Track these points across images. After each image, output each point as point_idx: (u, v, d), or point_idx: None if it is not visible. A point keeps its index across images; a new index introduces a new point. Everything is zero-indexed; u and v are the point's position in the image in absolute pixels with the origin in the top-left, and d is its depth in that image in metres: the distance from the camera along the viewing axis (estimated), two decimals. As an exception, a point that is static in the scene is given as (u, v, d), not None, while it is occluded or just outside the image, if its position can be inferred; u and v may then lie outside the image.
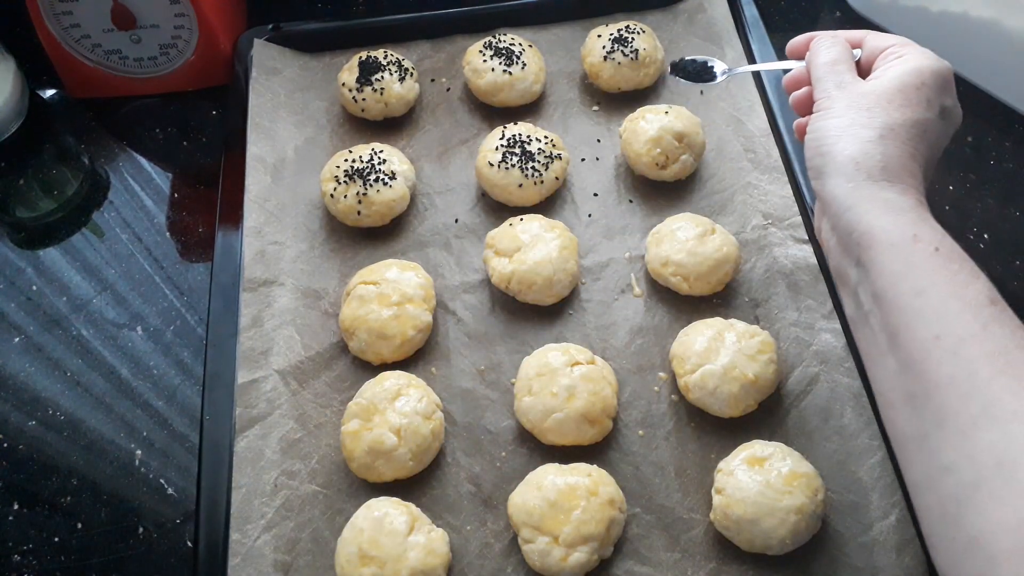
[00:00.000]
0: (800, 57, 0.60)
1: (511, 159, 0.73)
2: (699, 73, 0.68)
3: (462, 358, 0.67)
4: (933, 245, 0.44)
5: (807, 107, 0.58)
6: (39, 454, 0.65)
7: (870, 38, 0.56)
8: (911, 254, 0.44)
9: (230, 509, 0.59)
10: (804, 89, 0.60)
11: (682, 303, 0.69)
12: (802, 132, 0.59)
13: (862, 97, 0.51)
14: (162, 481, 0.64)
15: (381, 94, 0.79)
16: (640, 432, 0.63)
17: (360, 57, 0.81)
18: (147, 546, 0.61)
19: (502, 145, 0.74)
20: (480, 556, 0.58)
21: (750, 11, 0.85)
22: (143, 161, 0.83)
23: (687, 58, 0.68)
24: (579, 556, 0.55)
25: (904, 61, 0.52)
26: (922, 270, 0.43)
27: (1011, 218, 0.77)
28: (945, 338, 0.41)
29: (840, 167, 0.49)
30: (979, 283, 0.43)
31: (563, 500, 0.56)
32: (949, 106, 0.52)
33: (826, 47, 0.56)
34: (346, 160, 0.74)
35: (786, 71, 0.62)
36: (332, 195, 0.73)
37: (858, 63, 0.56)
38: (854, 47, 0.57)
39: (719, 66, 0.68)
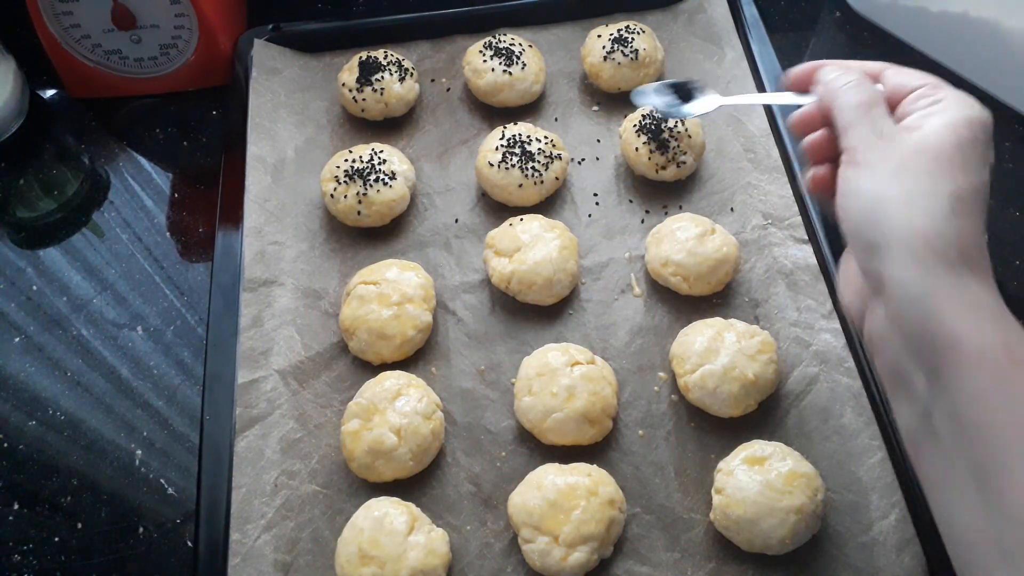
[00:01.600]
0: (802, 90, 0.51)
1: (511, 159, 0.73)
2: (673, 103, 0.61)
3: (462, 358, 0.67)
4: None
5: (827, 154, 0.50)
6: (39, 454, 0.65)
7: (891, 73, 0.48)
8: (1010, 374, 0.36)
9: (230, 509, 0.59)
10: (821, 132, 0.50)
11: (682, 303, 0.69)
12: (823, 186, 0.50)
13: (918, 156, 0.41)
14: (162, 481, 0.64)
15: (381, 94, 0.79)
16: (640, 432, 0.63)
17: (360, 57, 0.81)
18: (147, 546, 0.61)
19: (502, 145, 0.74)
20: (480, 556, 0.58)
21: (750, 11, 0.85)
22: (143, 161, 0.83)
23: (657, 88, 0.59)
24: (579, 556, 0.55)
25: (948, 110, 0.44)
26: (1020, 392, 0.36)
27: (1011, 218, 0.77)
28: None
29: (908, 246, 0.39)
30: None
31: (563, 500, 0.56)
32: (992, 161, 0.44)
33: (854, 86, 0.47)
34: (346, 160, 0.74)
35: (797, 106, 0.52)
36: (332, 195, 0.73)
37: None
38: (873, 77, 0.49)
39: (701, 99, 0.60)
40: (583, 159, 0.79)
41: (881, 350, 0.43)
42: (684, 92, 0.59)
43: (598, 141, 0.80)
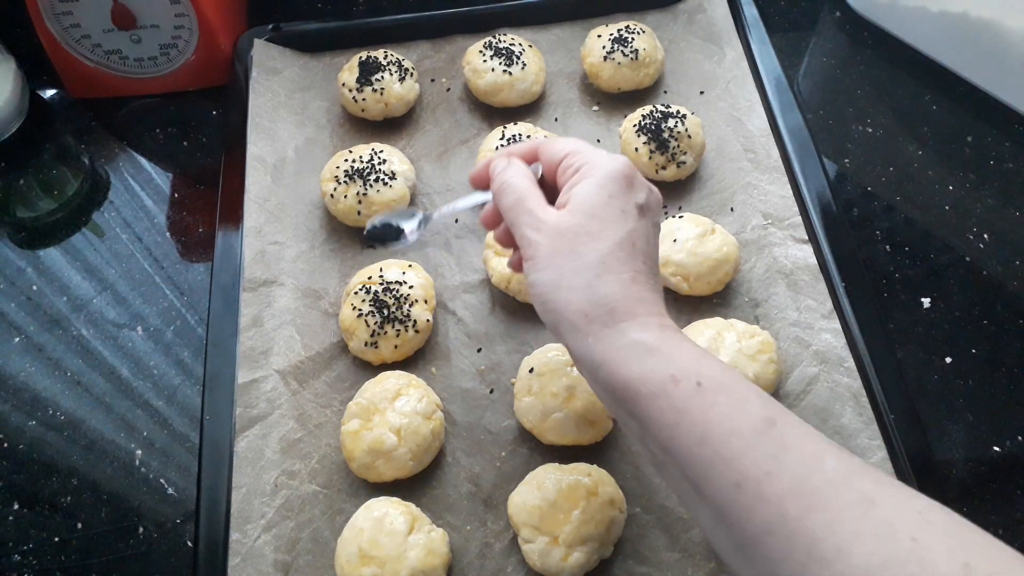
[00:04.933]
0: (486, 187, 0.54)
1: (511, 159, 0.73)
2: (390, 236, 0.60)
3: (462, 358, 0.67)
4: (694, 380, 0.41)
5: (511, 243, 0.55)
6: (39, 454, 0.65)
7: (544, 149, 0.52)
8: (676, 399, 0.41)
9: (230, 509, 0.59)
10: (503, 226, 0.55)
11: (682, 303, 0.69)
12: (518, 266, 0.54)
13: (561, 237, 0.46)
14: (162, 481, 0.64)
15: (381, 94, 0.79)
16: (640, 432, 0.63)
17: (360, 57, 0.81)
18: (147, 546, 0.61)
19: (502, 145, 0.74)
20: (480, 556, 0.58)
21: (750, 11, 0.85)
22: (143, 161, 0.83)
23: (378, 223, 0.59)
24: (579, 556, 0.55)
25: (583, 176, 0.48)
26: (693, 415, 0.40)
27: (1011, 218, 0.77)
28: (744, 484, 0.38)
29: (572, 324, 0.44)
30: (751, 406, 0.40)
31: (563, 500, 0.56)
32: (643, 201, 0.48)
33: (509, 186, 0.50)
34: (346, 160, 0.74)
35: (483, 204, 0.55)
36: (332, 195, 0.73)
37: (541, 180, 0.52)
38: (530, 161, 0.53)
39: (408, 225, 0.59)
40: (583, 159, 0.79)
41: (602, 400, 0.48)
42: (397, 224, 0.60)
43: (598, 141, 0.80)
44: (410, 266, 0.69)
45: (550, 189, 0.51)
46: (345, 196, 0.72)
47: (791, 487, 0.37)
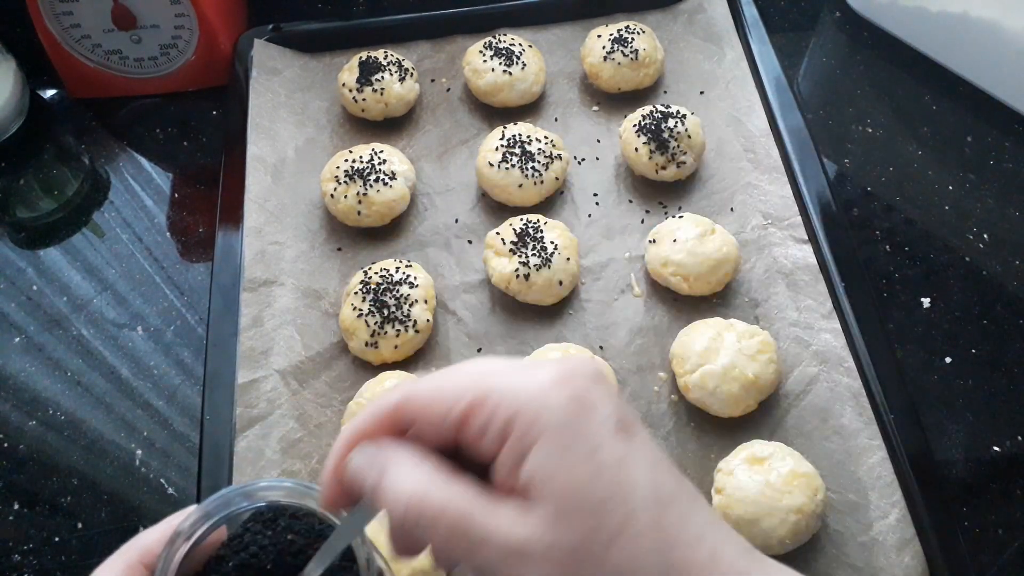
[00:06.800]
0: (348, 502, 0.33)
1: (511, 159, 0.73)
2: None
3: (462, 358, 0.67)
4: None
5: (416, 551, 0.33)
6: (39, 454, 0.65)
7: (420, 404, 0.32)
8: None
9: (230, 509, 0.59)
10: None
11: (682, 303, 0.69)
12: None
13: (577, 566, 0.28)
14: (162, 481, 0.64)
15: (381, 94, 0.79)
16: (640, 432, 0.63)
17: (360, 57, 0.81)
18: (147, 546, 0.61)
19: (502, 145, 0.74)
20: (480, 556, 0.58)
21: (750, 11, 0.85)
22: (143, 161, 0.83)
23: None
24: (579, 556, 0.55)
25: (526, 439, 0.29)
26: None
27: (1011, 218, 0.77)
28: None
29: None
30: None
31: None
32: (617, 418, 0.31)
33: (429, 508, 0.30)
34: (346, 160, 0.74)
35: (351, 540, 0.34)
36: (332, 195, 0.73)
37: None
38: (400, 430, 0.32)
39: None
40: (583, 159, 0.79)
41: None
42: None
43: (598, 141, 0.80)
44: (410, 266, 0.69)
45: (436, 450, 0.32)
46: (345, 196, 0.72)
47: None
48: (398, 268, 0.68)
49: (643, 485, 0.29)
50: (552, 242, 0.69)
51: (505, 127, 0.76)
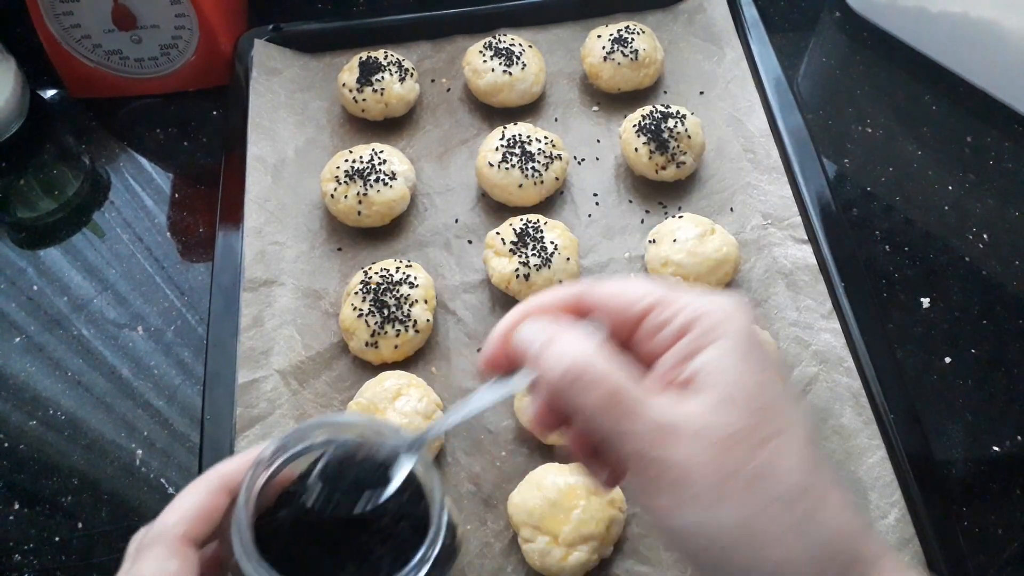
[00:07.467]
0: (510, 369, 0.35)
1: (511, 159, 0.73)
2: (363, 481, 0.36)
3: (462, 358, 0.67)
4: None
5: (587, 446, 0.35)
6: (40, 454, 0.65)
7: (605, 297, 0.34)
8: None
9: (230, 509, 0.59)
10: (542, 409, 0.35)
11: (682, 303, 0.69)
12: (611, 483, 0.36)
13: (726, 451, 0.29)
14: (163, 481, 0.64)
15: (381, 94, 0.79)
16: (640, 432, 0.63)
17: (360, 57, 0.81)
18: (147, 546, 0.61)
19: (502, 145, 0.74)
20: (480, 555, 0.58)
21: (750, 11, 0.85)
22: (143, 161, 0.83)
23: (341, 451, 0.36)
24: (579, 555, 0.55)
25: (704, 339, 0.31)
26: None
27: (1011, 218, 0.77)
28: None
29: None
30: None
31: (563, 499, 0.56)
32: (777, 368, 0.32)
33: (588, 374, 0.31)
34: (346, 160, 0.74)
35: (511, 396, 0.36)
36: (332, 195, 0.73)
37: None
38: (574, 314, 0.35)
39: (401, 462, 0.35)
40: (583, 159, 0.79)
41: None
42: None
43: (598, 141, 0.80)
44: (410, 266, 0.69)
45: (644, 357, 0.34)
46: (345, 196, 0.72)
47: None
48: (398, 268, 0.68)
49: (798, 422, 0.31)
50: (552, 242, 0.69)
51: (505, 127, 0.76)
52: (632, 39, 0.81)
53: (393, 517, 0.34)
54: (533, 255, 0.67)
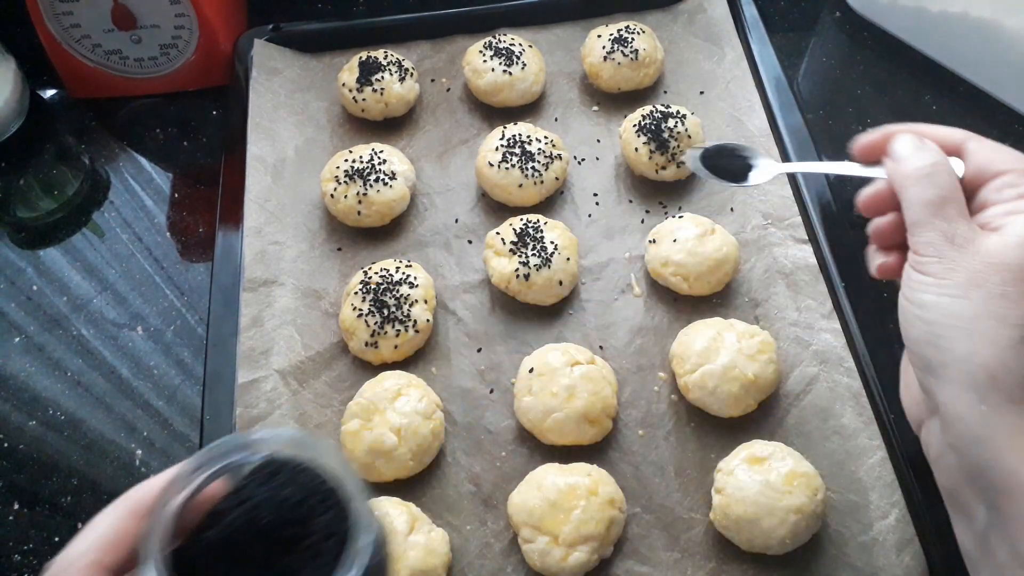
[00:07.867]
0: (871, 160, 0.46)
1: (511, 159, 0.73)
2: (729, 171, 0.52)
3: (462, 358, 0.67)
4: None
5: (896, 240, 0.45)
6: (39, 454, 0.65)
7: (975, 148, 0.43)
8: None
9: (230, 509, 0.59)
10: (890, 218, 0.46)
11: (682, 303, 0.69)
12: (892, 273, 0.46)
13: (992, 270, 0.37)
14: (162, 481, 0.64)
15: (381, 94, 0.79)
16: (640, 432, 0.63)
17: (360, 57, 0.81)
18: (147, 546, 0.61)
19: (502, 145, 0.74)
20: (480, 556, 0.58)
21: (750, 11, 0.85)
22: (143, 161, 0.83)
23: (715, 145, 0.51)
24: (579, 556, 0.55)
25: None
26: None
27: (1011, 218, 0.77)
28: None
29: (970, 378, 0.36)
30: None
31: (563, 500, 0.56)
32: None
33: (927, 175, 0.41)
34: (346, 160, 0.74)
35: (865, 180, 0.47)
36: (332, 195, 0.73)
37: (961, 181, 0.42)
38: (950, 153, 0.44)
39: (761, 167, 0.51)
40: (583, 159, 0.79)
41: (938, 467, 0.41)
42: (735, 157, 0.51)
43: (598, 141, 0.80)
44: (410, 266, 0.69)
45: (969, 205, 0.42)
46: (345, 196, 0.72)
47: None
48: (398, 268, 0.68)
49: None
50: (552, 242, 0.69)
51: (505, 127, 0.76)
52: (632, 39, 0.81)
53: (322, 534, 0.33)
54: (533, 255, 0.67)
